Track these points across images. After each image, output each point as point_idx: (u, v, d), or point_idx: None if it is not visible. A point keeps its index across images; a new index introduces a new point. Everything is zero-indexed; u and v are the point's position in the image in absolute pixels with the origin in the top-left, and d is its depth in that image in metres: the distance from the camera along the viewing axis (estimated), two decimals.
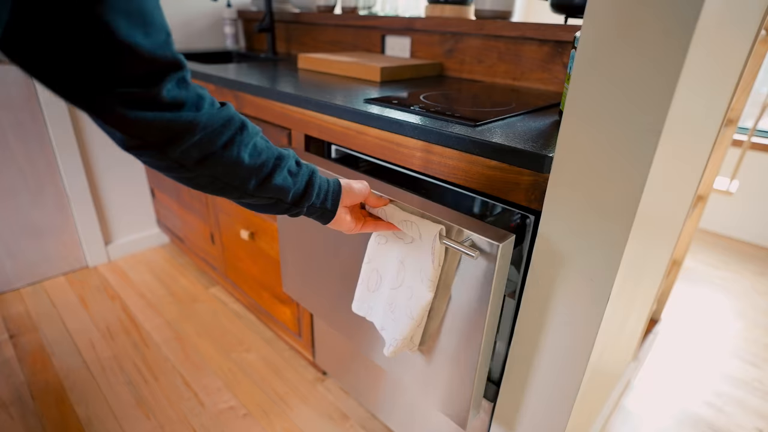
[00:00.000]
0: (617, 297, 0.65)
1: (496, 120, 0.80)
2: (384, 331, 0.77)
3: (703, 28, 0.45)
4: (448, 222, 0.65)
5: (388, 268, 0.75)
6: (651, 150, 0.50)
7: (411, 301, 0.71)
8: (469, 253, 0.59)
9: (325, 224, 0.65)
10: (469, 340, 0.70)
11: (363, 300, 0.81)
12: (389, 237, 0.74)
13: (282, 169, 0.55)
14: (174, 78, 0.43)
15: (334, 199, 0.63)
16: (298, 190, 0.57)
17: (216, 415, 1.24)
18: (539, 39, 1.12)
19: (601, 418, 1.19)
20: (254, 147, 0.52)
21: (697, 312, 1.81)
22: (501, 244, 0.60)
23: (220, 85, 1.22)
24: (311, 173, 0.60)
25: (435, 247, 0.65)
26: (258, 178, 0.53)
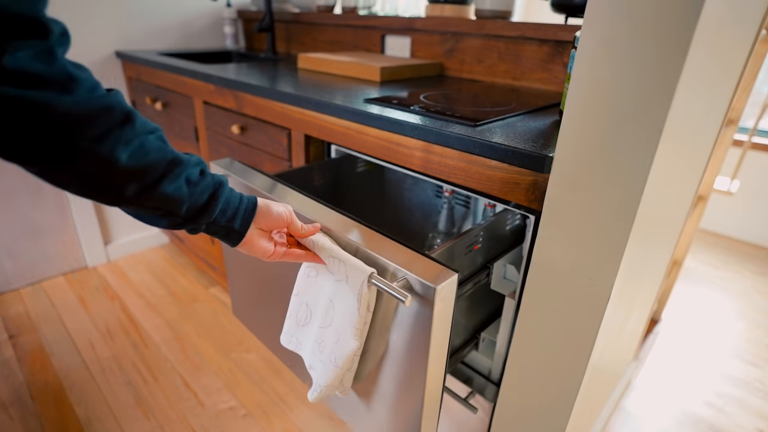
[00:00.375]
0: (617, 297, 0.65)
1: (497, 120, 0.79)
2: (312, 370, 0.70)
3: (703, 28, 0.45)
4: (384, 260, 0.55)
5: (318, 303, 0.66)
6: (651, 150, 0.50)
7: (337, 345, 0.63)
8: (400, 297, 0.50)
9: (233, 246, 0.57)
10: (410, 393, 0.60)
11: (292, 334, 0.73)
12: (320, 270, 0.64)
13: (177, 177, 0.47)
14: (31, 45, 0.35)
15: (244, 219, 0.55)
16: (195, 203, 0.50)
17: (216, 416, 1.23)
18: (539, 39, 1.12)
19: (601, 419, 1.19)
20: (141, 146, 0.43)
21: (697, 312, 1.81)
22: (437, 287, 0.49)
23: (220, 85, 1.21)
24: (217, 186, 0.52)
25: (363, 293, 0.57)
26: (141, 183, 0.44)
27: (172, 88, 1.47)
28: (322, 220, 0.64)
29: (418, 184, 1.17)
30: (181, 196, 0.48)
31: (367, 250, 0.57)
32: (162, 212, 0.48)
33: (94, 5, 1.60)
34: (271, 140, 1.14)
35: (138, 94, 1.72)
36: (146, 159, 0.44)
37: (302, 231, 0.61)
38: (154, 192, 0.45)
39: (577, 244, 0.60)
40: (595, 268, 0.59)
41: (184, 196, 0.48)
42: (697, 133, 0.74)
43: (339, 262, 0.59)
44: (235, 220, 0.54)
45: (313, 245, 0.62)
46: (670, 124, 0.49)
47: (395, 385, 0.62)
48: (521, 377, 0.75)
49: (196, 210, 0.50)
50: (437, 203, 1.15)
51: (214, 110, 1.32)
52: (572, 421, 0.74)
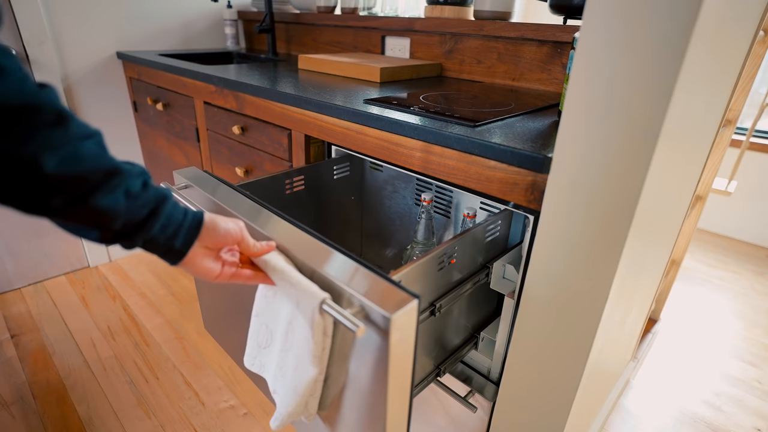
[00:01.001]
0: (616, 296, 0.66)
1: (496, 120, 0.80)
2: (275, 394, 0.66)
3: (701, 28, 0.46)
4: (340, 284, 0.50)
5: (278, 325, 0.62)
6: (650, 150, 0.50)
7: (297, 372, 0.59)
8: (351, 327, 0.46)
9: (172, 265, 0.52)
10: (373, 424, 0.56)
11: (254, 356, 0.69)
12: (277, 292, 0.60)
13: (113, 189, 0.42)
14: None
15: (187, 236, 0.50)
16: (133, 219, 0.45)
17: (216, 415, 1.24)
18: (538, 40, 1.13)
19: (600, 417, 1.20)
20: (74, 152, 0.39)
21: (696, 312, 1.81)
22: (392, 316, 0.45)
23: (221, 86, 1.22)
24: (160, 200, 0.47)
25: (315, 319, 0.53)
26: (70, 194, 0.39)
27: (173, 88, 1.47)
28: (280, 237, 0.59)
29: (398, 191, 1.14)
30: (116, 210, 0.43)
31: (324, 273, 0.52)
32: (94, 226, 0.43)
33: (95, 6, 1.61)
34: (271, 141, 1.14)
35: (139, 95, 1.73)
36: (78, 167, 0.39)
37: (254, 249, 0.56)
38: (85, 204, 0.40)
39: (575, 244, 0.60)
40: (593, 267, 0.60)
41: (120, 210, 0.43)
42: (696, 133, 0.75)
43: (290, 286, 0.54)
44: (177, 237, 0.49)
45: (266, 265, 0.57)
46: (668, 125, 0.50)
47: (359, 416, 0.58)
48: (520, 376, 0.76)
49: (133, 225, 0.45)
50: (417, 211, 1.11)
51: (214, 111, 1.32)
52: (571, 419, 0.74)
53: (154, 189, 0.47)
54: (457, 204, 1.03)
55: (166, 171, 1.76)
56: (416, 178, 1.08)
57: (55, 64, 1.57)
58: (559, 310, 0.66)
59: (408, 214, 1.14)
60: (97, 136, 0.42)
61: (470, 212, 0.86)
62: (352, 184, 1.12)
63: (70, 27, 1.58)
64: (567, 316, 0.65)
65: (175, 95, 1.49)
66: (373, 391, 0.53)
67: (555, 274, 0.64)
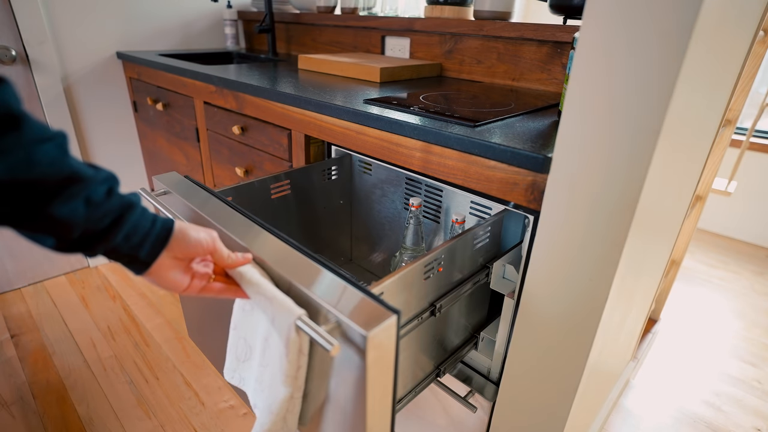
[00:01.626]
0: (616, 296, 0.66)
1: (496, 120, 0.80)
2: (256, 408, 0.64)
3: (701, 28, 0.46)
4: (316, 298, 0.48)
5: (256, 339, 0.60)
6: (650, 150, 0.50)
7: (271, 390, 0.57)
8: (325, 346, 0.43)
9: (137, 275, 0.48)
10: None
11: (234, 369, 0.67)
12: (254, 306, 0.58)
13: (73, 197, 0.39)
14: None
15: (153, 245, 0.47)
16: (93, 228, 0.41)
17: (216, 414, 1.24)
18: (538, 40, 1.13)
19: (600, 417, 1.20)
20: (27, 158, 0.36)
21: (695, 312, 1.81)
22: (369, 334, 0.43)
23: (221, 86, 1.22)
24: (125, 208, 0.44)
25: (291, 337, 0.50)
26: (21, 202, 0.36)
27: (172, 88, 1.47)
28: (257, 247, 0.56)
29: (387, 195, 1.12)
30: (74, 220, 0.39)
31: (300, 287, 0.49)
32: (47, 234, 0.40)
33: (95, 6, 1.61)
34: (271, 141, 1.14)
35: (139, 95, 1.73)
36: (31, 173, 0.36)
37: (228, 261, 0.53)
38: (39, 213, 0.37)
39: (575, 244, 0.60)
40: (593, 267, 0.60)
41: (78, 220, 0.40)
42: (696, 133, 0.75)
43: (265, 300, 0.51)
44: (142, 247, 0.46)
45: (241, 278, 0.54)
46: (668, 125, 0.50)
47: None
48: (520, 376, 0.76)
49: (93, 234, 0.42)
50: (406, 216, 1.09)
51: (214, 111, 1.32)
52: (571, 419, 0.74)
53: (119, 197, 0.44)
54: (446, 209, 1.01)
55: (167, 171, 1.76)
56: (405, 181, 1.06)
57: (55, 64, 1.57)
58: (559, 310, 0.66)
59: (397, 219, 1.12)
60: (59, 138, 0.39)
61: (459, 218, 0.85)
62: (341, 187, 1.11)
63: (70, 27, 1.58)
64: (567, 316, 0.65)
65: (175, 95, 1.49)
66: (353, 409, 0.51)
67: (555, 274, 0.64)
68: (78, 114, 1.70)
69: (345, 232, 1.19)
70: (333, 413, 0.56)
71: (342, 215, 1.15)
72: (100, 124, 1.75)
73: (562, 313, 0.66)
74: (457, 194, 0.97)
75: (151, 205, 1.00)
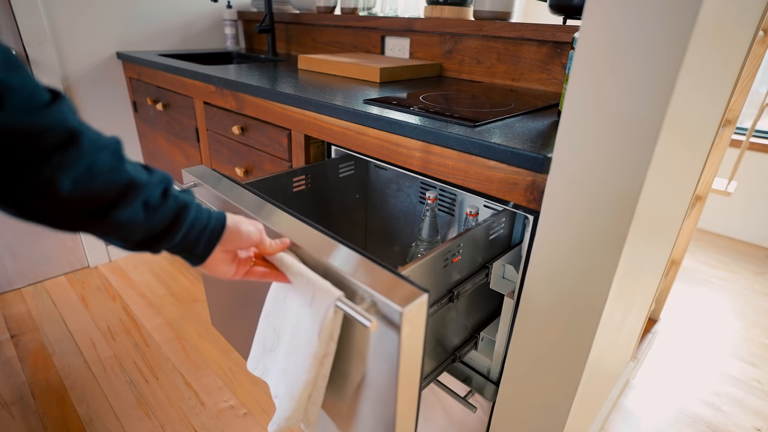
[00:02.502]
0: (616, 296, 0.66)
1: (495, 120, 0.80)
2: (276, 399, 0.65)
3: (701, 28, 0.46)
4: (353, 280, 0.52)
5: (285, 328, 0.63)
6: (650, 150, 0.50)
7: (295, 375, 0.59)
8: (364, 322, 0.48)
9: (193, 266, 0.52)
10: (384, 420, 0.58)
11: (258, 359, 0.69)
12: (288, 294, 0.61)
13: (131, 203, 0.41)
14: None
15: (208, 241, 0.50)
16: (153, 229, 0.44)
17: (216, 415, 1.24)
18: (538, 40, 1.13)
19: (599, 418, 1.20)
20: (88, 169, 0.37)
21: (695, 312, 1.81)
22: (404, 310, 0.47)
23: (221, 86, 1.22)
24: (181, 208, 0.46)
25: (328, 316, 0.53)
26: (87, 211, 0.39)
27: (172, 88, 1.47)
28: (292, 234, 0.60)
29: (402, 190, 1.15)
30: (135, 224, 0.42)
31: (336, 270, 0.54)
32: (113, 237, 0.43)
33: (95, 6, 1.61)
34: (271, 141, 1.14)
35: (139, 95, 1.73)
36: (93, 185, 0.38)
37: (270, 249, 0.57)
38: (103, 219, 0.40)
39: (575, 244, 0.60)
40: (593, 267, 0.60)
41: (139, 223, 0.42)
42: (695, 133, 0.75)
43: (307, 282, 0.55)
44: (198, 244, 0.49)
45: (281, 263, 0.57)
46: (668, 125, 0.50)
47: (369, 411, 0.60)
48: (520, 376, 0.76)
49: (154, 236, 0.45)
50: (422, 209, 1.13)
51: (214, 111, 1.32)
52: (571, 419, 0.74)
53: (174, 197, 0.46)
54: (461, 202, 1.04)
55: (167, 171, 1.76)
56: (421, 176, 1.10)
57: (55, 64, 1.57)
58: (559, 310, 0.66)
59: (412, 212, 1.15)
60: (113, 145, 0.40)
61: (473, 210, 0.88)
62: (357, 182, 1.13)
63: (70, 27, 1.58)
64: (567, 316, 0.65)
65: (174, 95, 1.49)
66: (384, 384, 0.55)
67: (555, 274, 0.64)
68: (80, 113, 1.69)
69: (360, 226, 1.21)
70: (362, 392, 0.59)
71: (358, 209, 1.18)
72: (100, 124, 1.75)
73: (562, 313, 0.66)
74: None
75: None
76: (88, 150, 0.37)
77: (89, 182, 0.38)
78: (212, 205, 0.73)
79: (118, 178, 0.40)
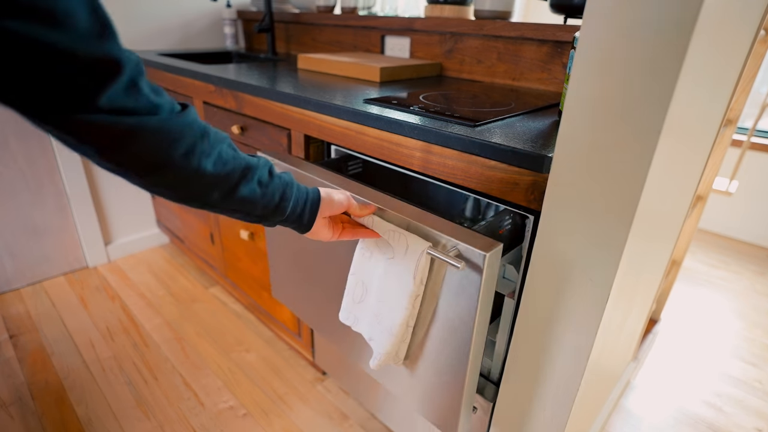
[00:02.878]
0: (616, 297, 0.65)
1: (496, 120, 0.80)
2: (372, 341, 0.77)
3: (702, 27, 0.46)
4: (436, 233, 0.63)
5: (372, 280, 0.75)
6: (650, 150, 0.50)
7: (392, 314, 0.71)
8: (455, 264, 0.58)
9: (302, 234, 0.65)
10: (457, 351, 0.68)
11: (349, 310, 0.81)
12: (373, 251, 0.73)
13: (250, 181, 0.52)
14: (117, 82, 0.38)
15: (311, 211, 0.62)
16: (268, 204, 0.56)
17: (216, 415, 1.24)
18: (539, 39, 1.12)
19: (600, 418, 1.20)
20: (219, 156, 0.49)
21: (696, 312, 1.81)
22: (488, 254, 0.58)
23: (220, 86, 1.22)
24: (286, 186, 0.58)
25: (420, 262, 0.64)
26: (222, 189, 0.50)
27: (172, 88, 1.47)
28: (375, 200, 0.71)
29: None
30: (255, 198, 0.53)
31: (420, 225, 0.65)
32: (240, 213, 0.54)
33: None
34: (271, 140, 1.14)
35: None
36: (226, 167, 0.49)
37: (360, 211, 0.69)
38: (234, 196, 0.51)
39: (576, 245, 0.60)
40: (594, 268, 0.59)
41: (257, 198, 0.54)
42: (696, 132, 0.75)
43: (399, 235, 0.66)
44: (304, 215, 0.61)
45: (372, 223, 0.70)
46: (668, 124, 0.50)
47: (445, 350, 0.70)
48: (520, 377, 0.75)
49: (271, 210, 0.56)
50: (461, 192, 1.17)
51: (214, 110, 1.32)
52: (571, 420, 0.74)
53: (278, 176, 0.57)
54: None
55: None
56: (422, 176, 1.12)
57: None
58: (560, 310, 0.65)
59: (451, 193, 1.18)
60: (227, 139, 0.51)
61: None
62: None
63: None
64: (567, 316, 0.65)
65: (174, 95, 1.48)
66: (461, 322, 0.66)
67: (555, 275, 0.64)
68: None
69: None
70: (439, 332, 0.70)
71: (399, 192, 1.21)
72: None
73: (562, 313, 0.65)
74: None
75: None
76: (215, 141, 0.48)
77: (223, 165, 0.49)
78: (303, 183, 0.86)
79: (238, 163, 0.51)
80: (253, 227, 1.34)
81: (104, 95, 0.38)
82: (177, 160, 0.45)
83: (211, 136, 0.48)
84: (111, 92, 0.38)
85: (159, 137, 0.43)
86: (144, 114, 0.41)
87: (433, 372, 0.75)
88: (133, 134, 0.41)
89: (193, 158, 0.46)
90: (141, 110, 0.41)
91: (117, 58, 0.38)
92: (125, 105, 0.40)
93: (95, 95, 0.37)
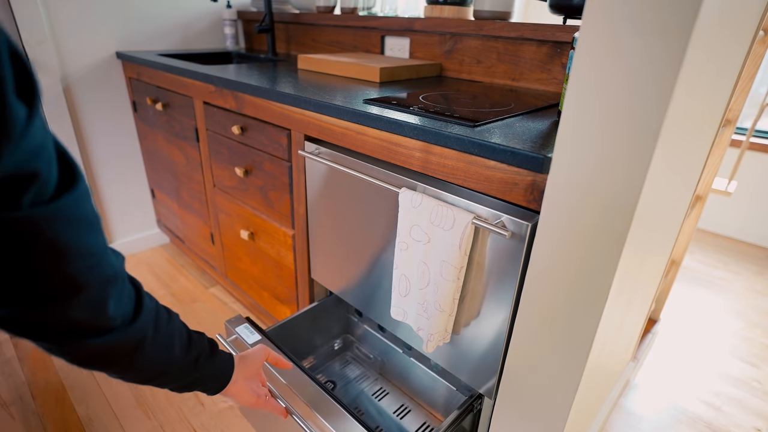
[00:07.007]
0: (616, 296, 0.66)
1: (495, 120, 0.80)
2: (421, 331, 0.82)
3: (701, 28, 0.46)
4: (479, 206, 0.71)
5: (413, 271, 0.80)
6: (649, 150, 0.50)
7: (438, 295, 0.76)
8: (502, 232, 0.65)
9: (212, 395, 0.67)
10: (500, 312, 0.75)
11: (398, 305, 0.86)
12: (409, 243, 0.79)
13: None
14: (115, 293, 0.42)
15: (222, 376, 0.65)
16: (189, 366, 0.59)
17: (216, 415, 1.24)
18: (538, 40, 1.13)
19: (599, 417, 1.20)
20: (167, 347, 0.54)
21: (695, 312, 1.81)
22: (530, 224, 0.66)
23: (220, 86, 1.22)
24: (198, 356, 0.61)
25: (466, 233, 0.69)
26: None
27: (172, 88, 1.47)
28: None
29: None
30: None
31: (465, 202, 0.72)
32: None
33: (94, 6, 1.61)
34: (271, 141, 1.14)
35: (138, 95, 1.73)
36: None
37: (281, 363, 0.75)
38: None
39: (575, 244, 0.60)
40: (593, 267, 0.60)
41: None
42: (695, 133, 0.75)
43: (447, 209, 0.71)
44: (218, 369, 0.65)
45: (421, 201, 0.75)
46: (668, 125, 0.50)
47: (488, 314, 0.76)
48: (520, 376, 0.76)
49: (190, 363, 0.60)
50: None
51: (214, 111, 1.32)
52: (571, 419, 0.74)
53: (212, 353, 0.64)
54: None
55: (166, 171, 1.76)
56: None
57: (54, 64, 1.57)
58: (559, 310, 0.66)
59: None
60: (177, 324, 0.61)
61: None
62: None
63: (70, 27, 1.58)
64: (567, 316, 0.65)
65: (174, 95, 1.49)
66: (505, 287, 0.72)
67: (555, 274, 0.64)
68: (77, 114, 1.69)
69: None
70: (483, 298, 0.76)
71: None
72: (99, 124, 1.75)
73: (561, 313, 0.65)
74: None
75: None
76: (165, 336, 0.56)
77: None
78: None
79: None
80: (253, 227, 1.35)
81: (110, 307, 0.42)
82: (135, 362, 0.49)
83: (162, 329, 0.53)
84: (112, 304, 0.42)
85: (119, 350, 0.46)
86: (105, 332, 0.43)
87: (474, 339, 0.80)
88: (133, 344, 0.47)
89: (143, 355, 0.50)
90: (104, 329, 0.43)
91: (114, 274, 0.42)
92: (123, 313, 0.45)
93: (106, 312, 0.42)
